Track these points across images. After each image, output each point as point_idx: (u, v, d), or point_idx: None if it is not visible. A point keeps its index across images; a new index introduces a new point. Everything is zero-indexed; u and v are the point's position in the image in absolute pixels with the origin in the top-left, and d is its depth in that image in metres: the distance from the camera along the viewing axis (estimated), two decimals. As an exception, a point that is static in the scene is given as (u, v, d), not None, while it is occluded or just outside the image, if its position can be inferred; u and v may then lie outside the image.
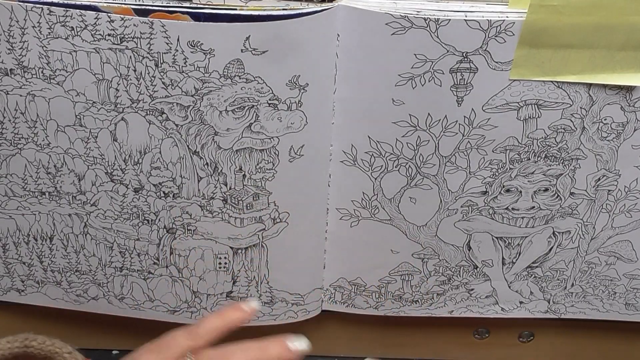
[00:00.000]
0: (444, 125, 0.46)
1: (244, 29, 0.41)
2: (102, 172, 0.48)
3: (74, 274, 0.53)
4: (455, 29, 0.42)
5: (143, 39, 0.42)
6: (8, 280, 0.54)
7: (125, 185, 0.49)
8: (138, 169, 0.48)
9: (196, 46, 0.42)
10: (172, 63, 0.43)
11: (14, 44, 0.43)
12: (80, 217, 0.50)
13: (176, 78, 0.44)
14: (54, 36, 0.43)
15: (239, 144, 0.46)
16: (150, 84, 0.44)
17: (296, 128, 0.46)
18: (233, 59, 0.43)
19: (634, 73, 0.45)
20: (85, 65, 0.44)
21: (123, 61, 0.43)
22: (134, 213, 0.50)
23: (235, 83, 0.44)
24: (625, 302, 0.56)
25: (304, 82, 0.44)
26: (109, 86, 0.44)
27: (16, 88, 0.45)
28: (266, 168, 0.47)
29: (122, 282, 0.53)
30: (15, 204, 0.50)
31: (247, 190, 0.48)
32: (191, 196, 0.48)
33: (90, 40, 0.43)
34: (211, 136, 0.46)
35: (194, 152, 0.47)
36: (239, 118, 0.45)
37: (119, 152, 0.47)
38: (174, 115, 0.45)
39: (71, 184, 0.49)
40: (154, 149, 0.47)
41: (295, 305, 0.56)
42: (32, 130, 0.47)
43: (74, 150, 0.47)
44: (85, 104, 0.45)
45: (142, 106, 0.45)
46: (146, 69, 0.44)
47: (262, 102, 0.44)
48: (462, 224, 0.51)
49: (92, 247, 0.52)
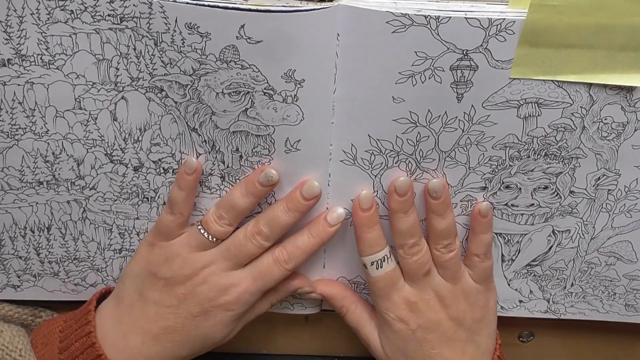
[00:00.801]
0: (443, 121, 0.47)
1: (238, 17, 0.42)
2: (102, 153, 0.48)
3: (72, 262, 0.53)
4: (456, 27, 0.43)
5: (142, 19, 0.43)
6: (4, 277, 0.54)
7: (125, 164, 0.49)
8: (138, 147, 0.48)
9: (193, 28, 0.43)
10: (171, 43, 0.44)
11: (11, 34, 0.44)
12: (79, 203, 0.51)
13: (175, 57, 0.44)
14: (53, 21, 0.43)
15: (236, 126, 0.47)
16: (150, 62, 0.45)
17: (292, 121, 0.46)
18: (228, 44, 0.43)
19: (634, 74, 0.45)
20: (86, 47, 0.44)
21: (123, 40, 0.44)
22: (133, 192, 0.50)
23: (231, 68, 0.44)
24: (625, 303, 0.56)
25: (299, 77, 0.44)
26: (109, 65, 0.45)
27: (14, 78, 0.45)
28: (262, 153, 0.48)
29: (121, 264, 0.54)
30: (11, 197, 0.50)
31: (244, 171, 0.49)
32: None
33: (90, 22, 0.43)
34: (209, 115, 0.46)
35: (193, 128, 0.47)
36: (235, 102, 0.46)
37: (119, 132, 0.48)
38: (173, 93, 0.46)
39: (70, 170, 0.49)
40: (154, 125, 0.47)
41: (292, 297, 0.56)
42: (30, 120, 0.47)
43: (73, 134, 0.48)
44: (85, 86, 0.46)
45: (142, 84, 0.46)
46: (146, 48, 0.44)
47: (257, 89, 0.45)
48: (462, 218, 0.51)
49: (90, 232, 0.52)
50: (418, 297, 0.49)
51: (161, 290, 0.49)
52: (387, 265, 0.49)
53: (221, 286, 0.48)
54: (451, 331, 0.50)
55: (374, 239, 0.48)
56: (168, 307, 0.49)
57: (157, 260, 0.49)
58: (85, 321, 0.49)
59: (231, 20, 0.42)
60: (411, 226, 0.48)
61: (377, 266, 0.49)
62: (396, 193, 0.47)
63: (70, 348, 0.48)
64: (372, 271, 0.49)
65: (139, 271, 0.49)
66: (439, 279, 0.50)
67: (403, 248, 0.49)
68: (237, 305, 0.49)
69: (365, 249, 0.49)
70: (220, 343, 0.51)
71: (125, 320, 0.49)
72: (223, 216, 0.48)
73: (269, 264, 0.49)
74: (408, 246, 0.49)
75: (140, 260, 0.50)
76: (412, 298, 0.49)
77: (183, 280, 0.48)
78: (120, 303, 0.50)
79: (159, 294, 0.49)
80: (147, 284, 0.49)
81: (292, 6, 0.42)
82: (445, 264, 0.49)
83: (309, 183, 0.48)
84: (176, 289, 0.48)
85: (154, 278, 0.49)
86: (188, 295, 0.48)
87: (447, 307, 0.50)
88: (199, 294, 0.48)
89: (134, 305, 0.49)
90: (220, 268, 0.48)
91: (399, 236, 0.49)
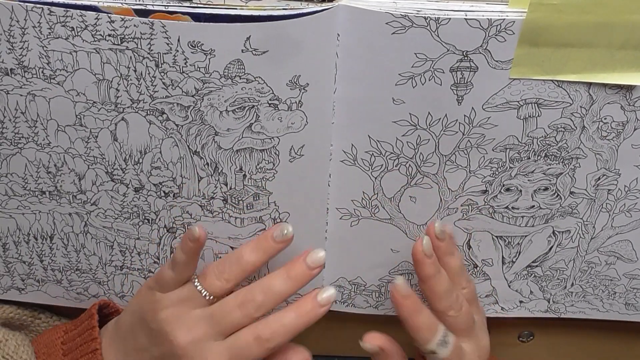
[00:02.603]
0: (444, 124, 0.46)
1: (244, 29, 0.41)
2: (103, 171, 0.48)
3: (74, 272, 0.53)
4: (456, 28, 0.42)
5: (143, 40, 0.42)
6: (8, 279, 0.54)
7: (126, 184, 0.48)
8: (138, 169, 0.48)
9: (196, 46, 0.42)
10: (173, 63, 0.43)
11: (14, 44, 0.43)
12: (80, 217, 0.50)
13: (176, 78, 0.44)
14: (54, 36, 0.43)
15: (239, 144, 0.46)
16: (151, 84, 0.44)
17: (296, 128, 0.46)
18: (233, 59, 0.43)
19: (634, 72, 0.45)
20: (86, 66, 0.44)
21: (123, 61, 0.43)
22: (134, 212, 0.50)
23: (236, 83, 0.43)
24: (625, 302, 0.56)
25: (304, 82, 0.44)
26: (109, 86, 0.44)
27: (16, 88, 0.45)
28: (266, 168, 0.47)
29: (122, 280, 0.53)
30: (15, 203, 0.50)
31: (248, 190, 0.48)
32: (191, 196, 0.48)
33: (90, 41, 0.43)
34: (211, 136, 0.46)
35: (195, 152, 0.47)
36: (239, 118, 0.45)
37: (119, 152, 0.47)
38: (174, 116, 0.45)
39: (71, 183, 0.49)
40: (154, 148, 0.47)
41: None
42: (32, 130, 0.47)
43: (74, 149, 0.47)
44: (86, 104, 0.45)
45: (142, 106, 0.45)
46: (146, 69, 0.43)
47: (262, 102, 0.44)
48: (462, 222, 0.51)
49: (92, 246, 0.52)
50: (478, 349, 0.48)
51: (148, 338, 0.47)
52: (449, 336, 0.46)
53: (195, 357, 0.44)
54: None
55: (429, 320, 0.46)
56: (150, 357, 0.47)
57: (147, 308, 0.47)
58: (91, 338, 0.48)
59: (236, 34, 0.41)
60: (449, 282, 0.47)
61: (443, 344, 0.46)
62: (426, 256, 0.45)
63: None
64: (443, 351, 0.46)
65: (135, 309, 0.48)
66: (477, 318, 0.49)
67: (453, 308, 0.46)
68: None
69: (427, 335, 0.45)
70: None
71: (121, 348, 0.49)
72: (224, 271, 0.45)
73: (248, 341, 0.44)
74: (455, 302, 0.47)
75: (138, 300, 0.48)
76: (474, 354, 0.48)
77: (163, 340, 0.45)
78: (119, 330, 0.49)
79: (147, 341, 0.47)
80: (137, 325, 0.48)
81: (294, 8, 0.41)
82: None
83: (314, 251, 0.46)
84: (158, 347, 0.46)
85: (144, 323, 0.47)
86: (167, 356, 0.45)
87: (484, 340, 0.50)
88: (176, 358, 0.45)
89: (128, 339, 0.48)
90: (199, 336, 0.44)
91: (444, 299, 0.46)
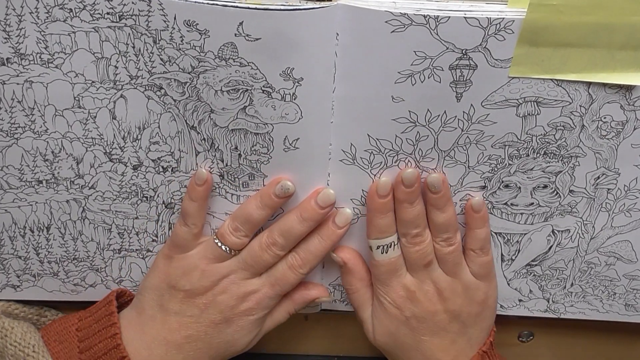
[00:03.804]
0: (443, 121, 0.47)
1: (237, 14, 0.42)
2: (101, 152, 0.48)
3: (71, 262, 0.53)
4: (455, 27, 0.43)
5: (141, 17, 0.43)
6: (3, 277, 0.54)
7: (124, 163, 0.49)
8: (137, 145, 0.48)
9: (192, 25, 0.43)
10: (170, 40, 0.43)
11: (10, 33, 0.44)
12: (78, 202, 0.51)
13: (173, 55, 0.44)
14: (52, 20, 0.43)
15: (234, 124, 0.47)
16: (149, 59, 0.45)
17: (290, 120, 0.46)
18: (227, 42, 0.43)
19: (633, 72, 0.45)
20: (84, 45, 0.44)
21: (122, 38, 0.44)
22: (132, 191, 0.50)
23: (230, 65, 0.44)
24: (625, 303, 0.56)
25: (298, 76, 0.44)
26: (108, 64, 0.45)
27: (13, 77, 0.45)
28: (261, 152, 0.48)
29: (120, 264, 0.53)
30: (11, 196, 0.50)
31: (243, 170, 0.49)
32: (189, 170, 0.49)
33: (89, 20, 0.43)
34: (207, 113, 0.46)
35: (192, 126, 0.47)
36: (233, 99, 0.45)
37: (118, 130, 0.48)
38: (172, 91, 0.46)
39: (69, 168, 0.49)
40: (153, 123, 0.47)
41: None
42: (29, 118, 0.47)
43: (72, 133, 0.48)
44: (84, 85, 0.46)
45: (140, 82, 0.46)
46: (144, 46, 0.44)
47: (255, 87, 0.45)
48: (461, 217, 0.51)
49: (90, 231, 0.52)
50: (417, 287, 0.50)
51: (181, 302, 0.50)
52: (392, 251, 0.50)
53: (241, 294, 0.50)
54: (444, 322, 0.51)
55: (385, 225, 0.49)
56: (190, 317, 0.50)
57: (175, 273, 0.50)
58: (110, 323, 0.50)
59: (230, 17, 0.42)
60: (416, 217, 0.49)
61: (382, 250, 0.49)
62: (403, 184, 0.48)
63: (93, 348, 0.49)
64: (377, 255, 0.50)
65: (158, 284, 0.50)
66: (440, 271, 0.50)
67: (406, 237, 0.49)
68: (257, 310, 0.50)
69: (374, 233, 0.49)
70: (242, 350, 0.52)
71: (148, 330, 0.50)
72: (239, 228, 0.49)
73: (284, 270, 0.50)
74: (411, 236, 0.49)
75: (158, 274, 0.51)
76: (411, 287, 0.50)
77: (203, 291, 0.50)
78: (141, 314, 0.51)
79: (180, 306, 0.50)
80: (167, 296, 0.50)
81: (291, 5, 0.42)
82: (446, 257, 0.50)
83: (324, 192, 0.49)
84: (197, 300, 0.50)
85: (174, 290, 0.50)
86: (209, 305, 0.50)
87: (444, 300, 0.50)
88: (220, 302, 0.50)
89: (156, 317, 0.50)
90: (238, 277, 0.50)
91: (403, 225, 0.49)
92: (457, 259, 0.50)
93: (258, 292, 0.50)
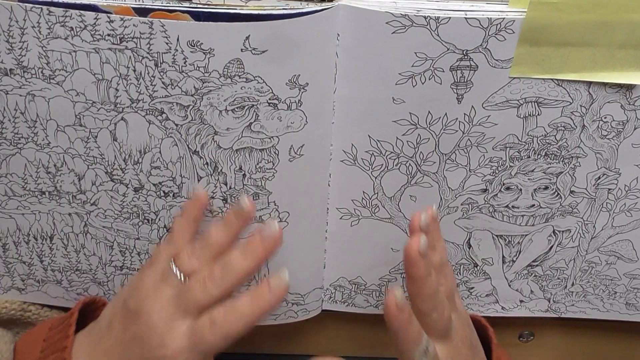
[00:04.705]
0: (444, 123, 0.46)
1: (243, 29, 0.41)
2: (102, 171, 0.48)
3: (74, 272, 0.53)
4: (456, 27, 0.42)
5: (143, 39, 0.42)
6: (8, 279, 0.54)
7: (125, 184, 0.48)
8: (138, 169, 0.48)
9: (196, 46, 0.42)
10: (172, 63, 0.43)
11: (13, 44, 0.43)
12: (80, 217, 0.50)
13: (176, 78, 0.43)
14: (53, 36, 0.43)
15: (239, 143, 0.46)
16: (150, 83, 0.44)
17: (296, 128, 0.46)
18: (233, 59, 0.42)
19: (634, 71, 0.45)
20: (85, 65, 0.44)
21: (123, 61, 0.43)
22: (134, 212, 0.50)
23: (235, 83, 0.43)
24: (625, 302, 0.56)
25: (303, 82, 0.44)
26: (109, 86, 0.44)
27: (16, 88, 0.45)
28: (266, 168, 0.47)
29: (122, 280, 0.53)
30: (15, 203, 0.50)
31: (247, 190, 0.48)
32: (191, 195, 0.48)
33: (89, 41, 0.43)
34: (211, 136, 0.46)
35: (194, 151, 0.47)
36: (238, 118, 0.45)
37: (119, 152, 0.47)
38: (173, 115, 0.45)
39: (71, 183, 0.49)
40: (154, 148, 0.47)
41: (295, 305, 0.56)
42: (32, 130, 0.46)
43: (74, 149, 0.47)
44: (85, 104, 0.45)
45: (141, 106, 0.45)
46: (146, 69, 0.43)
47: (261, 101, 0.44)
48: (462, 221, 0.51)
49: (92, 246, 0.52)
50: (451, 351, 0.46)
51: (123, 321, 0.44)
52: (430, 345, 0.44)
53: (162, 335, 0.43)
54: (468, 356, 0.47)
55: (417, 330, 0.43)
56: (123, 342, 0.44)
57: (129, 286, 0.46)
58: (64, 335, 0.46)
59: (236, 33, 0.41)
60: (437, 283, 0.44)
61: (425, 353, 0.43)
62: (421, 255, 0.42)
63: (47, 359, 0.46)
64: None
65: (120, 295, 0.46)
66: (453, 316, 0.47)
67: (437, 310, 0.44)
68: None
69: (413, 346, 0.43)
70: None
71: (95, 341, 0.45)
72: (195, 251, 0.44)
73: (205, 325, 0.43)
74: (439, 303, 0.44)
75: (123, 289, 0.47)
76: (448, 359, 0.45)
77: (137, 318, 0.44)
78: (97, 324, 0.47)
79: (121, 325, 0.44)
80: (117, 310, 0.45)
81: (294, 8, 0.41)
82: None
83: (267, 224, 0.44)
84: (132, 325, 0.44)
85: (124, 306, 0.45)
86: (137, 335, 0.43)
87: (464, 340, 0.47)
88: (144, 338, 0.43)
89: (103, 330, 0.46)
90: (169, 313, 0.43)
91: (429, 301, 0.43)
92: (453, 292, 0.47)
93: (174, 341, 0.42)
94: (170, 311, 0.43)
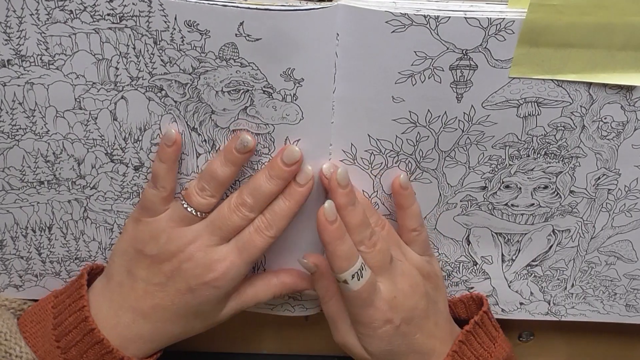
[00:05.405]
0: (443, 122, 0.47)
1: (238, 14, 0.42)
2: (102, 153, 0.48)
3: (73, 261, 0.53)
4: (455, 27, 0.43)
5: (142, 17, 0.43)
6: (5, 277, 0.54)
7: (125, 164, 0.49)
8: (138, 147, 0.48)
9: (192, 26, 0.43)
10: (170, 41, 0.44)
11: (10, 34, 0.44)
12: (79, 202, 0.51)
13: (174, 56, 0.44)
14: (52, 21, 0.43)
15: (235, 124, 0.47)
16: (150, 61, 0.45)
17: (292, 120, 0.46)
18: (228, 42, 0.43)
19: (634, 73, 0.45)
20: (85, 47, 0.44)
21: (122, 39, 0.44)
22: (134, 192, 0.50)
23: (231, 66, 0.44)
24: (625, 304, 0.56)
25: (299, 77, 0.44)
26: (109, 65, 0.45)
27: (14, 79, 0.45)
28: (262, 152, 0.48)
29: None
30: (13, 197, 0.50)
31: (244, 171, 0.48)
32: (190, 172, 0.49)
33: (89, 22, 0.43)
34: (208, 114, 0.46)
35: (193, 128, 0.47)
36: (234, 100, 0.45)
37: (119, 131, 0.48)
38: (172, 92, 0.46)
39: (70, 169, 0.49)
40: (154, 125, 0.47)
41: (293, 299, 0.56)
42: (30, 120, 0.47)
43: (73, 134, 0.48)
44: (85, 86, 0.46)
45: (141, 83, 0.46)
46: (145, 47, 0.44)
47: (256, 87, 0.45)
48: (462, 218, 0.51)
49: (92, 231, 0.52)
50: (395, 290, 0.48)
51: (148, 268, 0.48)
52: (365, 272, 0.46)
53: (207, 262, 0.47)
54: (424, 310, 0.49)
55: (349, 249, 0.46)
56: (156, 285, 0.48)
57: (142, 237, 0.48)
58: (78, 296, 0.48)
59: (230, 17, 0.42)
60: (363, 216, 0.47)
61: (358, 277, 0.46)
62: (340, 186, 0.46)
63: (64, 323, 0.48)
64: (355, 284, 0.46)
65: (126, 248, 0.49)
66: (399, 262, 0.49)
67: (364, 243, 0.47)
68: (223, 281, 0.47)
69: (343, 264, 0.46)
70: (215, 323, 0.50)
71: (115, 298, 0.49)
72: (205, 188, 0.47)
73: (251, 234, 0.47)
74: (367, 238, 0.47)
75: (126, 238, 0.49)
76: (390, 294, 0.47)
77: (169, 257, 0.48)
78: (110, 281, 0.50)
79: (147, 272, 0.48)
80: (134, 261, 0.49)
81: (292, 5, 0.42)
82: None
83: (289, 148, 0.47)
84: (163, 266, 0.48)
85: (141, 255, 0.48)
86: (175, 272, 0.48)
87: (415, 288, 0.48)
88: (186, 270, 0.47)
89: (124, 283, 0.49)
90: (205, 243, 0.47)
91: (357, 233, 0.47)
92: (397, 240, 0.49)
93: (224, 260, 0.47)
94: (205, 241, 0.47)
